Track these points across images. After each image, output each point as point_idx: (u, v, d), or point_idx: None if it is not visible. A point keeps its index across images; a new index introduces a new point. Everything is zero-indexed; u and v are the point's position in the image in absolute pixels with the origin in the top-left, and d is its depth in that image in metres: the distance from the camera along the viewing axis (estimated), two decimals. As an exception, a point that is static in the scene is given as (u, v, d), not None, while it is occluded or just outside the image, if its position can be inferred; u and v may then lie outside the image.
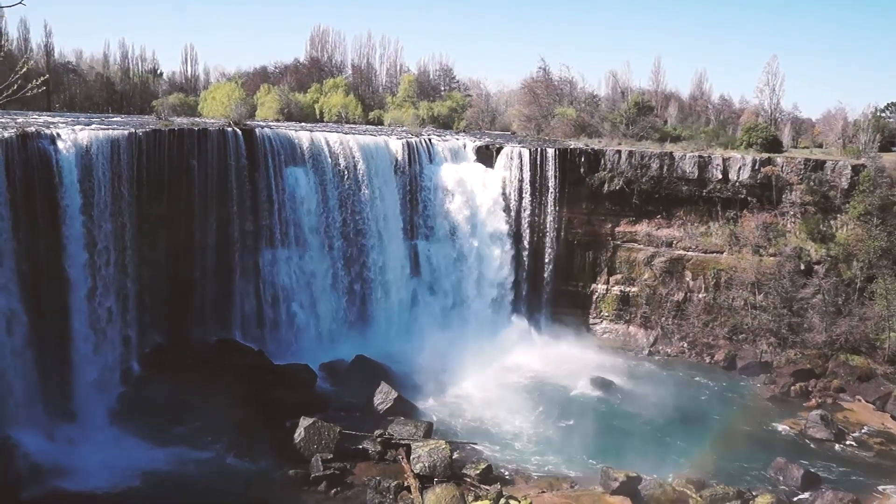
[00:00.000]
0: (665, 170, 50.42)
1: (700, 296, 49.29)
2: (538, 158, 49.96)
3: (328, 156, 42.88)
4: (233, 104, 64.25)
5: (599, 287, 51.54)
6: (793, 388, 42.22)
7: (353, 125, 70.28)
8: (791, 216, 48.92)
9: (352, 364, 39.67)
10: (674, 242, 50.51)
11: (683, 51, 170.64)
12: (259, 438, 30.67)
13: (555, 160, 50.09)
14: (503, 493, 27.96)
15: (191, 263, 36.99)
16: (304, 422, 31.06)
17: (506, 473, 30.90)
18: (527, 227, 50.17)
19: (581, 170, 51.08)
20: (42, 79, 11.96)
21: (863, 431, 37.62)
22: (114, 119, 47.35)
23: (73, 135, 30.58)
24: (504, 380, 41.50)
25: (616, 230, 51.51)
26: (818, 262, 47.39)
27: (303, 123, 65.63)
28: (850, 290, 46.32)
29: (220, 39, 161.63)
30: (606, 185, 50.91)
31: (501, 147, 50.77)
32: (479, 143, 51.65)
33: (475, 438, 33.88)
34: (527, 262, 50.27)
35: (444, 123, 79.48)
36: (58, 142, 29.88)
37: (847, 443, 36.25)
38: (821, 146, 68.69)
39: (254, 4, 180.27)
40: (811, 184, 48.26)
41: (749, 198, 49.62)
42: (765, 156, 50.08)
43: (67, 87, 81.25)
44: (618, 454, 32.07)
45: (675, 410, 38.21)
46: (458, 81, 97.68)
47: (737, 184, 49.62)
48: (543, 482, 30.06)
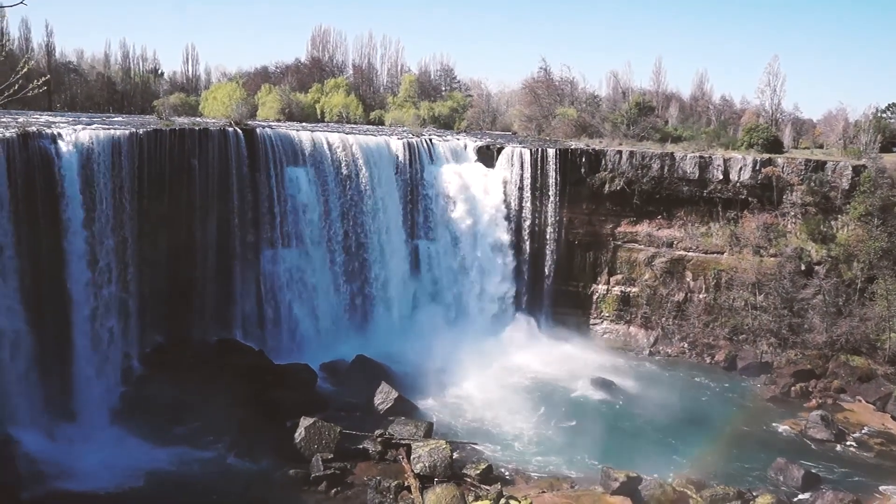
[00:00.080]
0: (666, 170, 50.39)
1: (700, 296, 49.28)
2: (539, 159, 49.96)
3: (329, 155, 42.97)
4: (234, 104, 64.09)
5: (600, 287, 51.52)
6: (793, 389, 42.22)
7: (355, 125, 70.16)
8: (792, 217, 48.88)
9: (352, 364, 39.69)
10: (674, 243, 50.48)
11: (684, 51, 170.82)
12: (259, 438, 30.70)
13: (556, 160, 50.11)
14: (503, 493, 27.97)
15: (192, 263, 37.00)
16: (305, 422, 31.08)
17: (506, 473, 30.89)
18: (527, 228, 50.14)
19: (582, 170, 51.07)
20: (43, 79, 12.01)
21: (863, 432, 37.61)
22: (115, 119, 47.39)
23: (75, 134, 30.57)
24: (505, 380, 41.49)
25: (617, 230, 51.48)
26: (819, 263, 47.36)
27: (304, 123, 65.61)
28: (851, 291, 46.32)
29: (221, 39, 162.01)
30: (607, 186, 50.90)
31: (502, 147, 50.77)
32: (480, 144, 51.68)
33: (476, 439, 33.87)
34: (527, 263, 50.26)
35: (445, 123, 79.38)
36: (59, 141, 29.90)
37: (847, 443, 36.24)
38: (822, 147, 68.70)
39: (255, 4, 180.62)
40: (812, 184, 48.23)
41: (750, 198, 49.56)
42: (766, 156, 50.04)
43: (68, 87, 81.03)
44: (618, 454, 32.06)
45: (676, 411, 38.15)
46: (459, 81, 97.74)
47: (737, 184, 49.59)
48: (544, 482, 30.08)
